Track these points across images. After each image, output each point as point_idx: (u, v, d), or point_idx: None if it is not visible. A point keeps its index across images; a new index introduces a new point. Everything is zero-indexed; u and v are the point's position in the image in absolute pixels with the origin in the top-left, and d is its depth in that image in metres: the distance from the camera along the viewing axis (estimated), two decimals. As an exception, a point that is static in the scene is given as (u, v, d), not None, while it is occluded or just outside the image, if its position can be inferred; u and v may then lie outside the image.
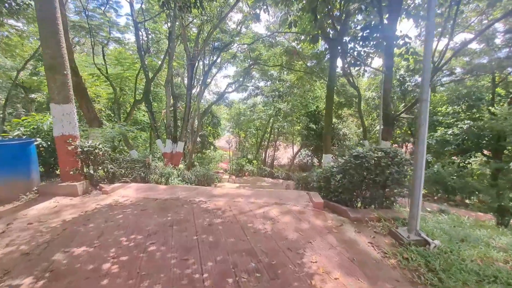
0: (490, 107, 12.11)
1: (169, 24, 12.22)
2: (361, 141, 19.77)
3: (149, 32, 15.49)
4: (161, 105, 20.34)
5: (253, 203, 4.14)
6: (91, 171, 4.60)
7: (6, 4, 8.47)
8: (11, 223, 3.14)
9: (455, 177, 13.24)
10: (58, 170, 5.06)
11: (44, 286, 1.99)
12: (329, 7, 9.51)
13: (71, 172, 4.36)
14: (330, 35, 12.10)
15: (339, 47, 12.20)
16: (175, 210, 3.72)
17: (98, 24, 11.59)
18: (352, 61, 13.33)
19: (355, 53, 13.16)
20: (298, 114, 23.34)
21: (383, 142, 8.04)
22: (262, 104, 26.73)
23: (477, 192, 12.38)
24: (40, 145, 5.01)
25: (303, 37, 13.70)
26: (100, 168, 4.99)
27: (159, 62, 13.07)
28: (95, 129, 8.02)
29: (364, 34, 11.71)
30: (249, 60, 20.29)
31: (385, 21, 7.66)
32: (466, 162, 15.20)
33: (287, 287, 2.05)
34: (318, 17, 11.26)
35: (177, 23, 10.95)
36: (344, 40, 11.83)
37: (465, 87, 13.26)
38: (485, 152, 14.49)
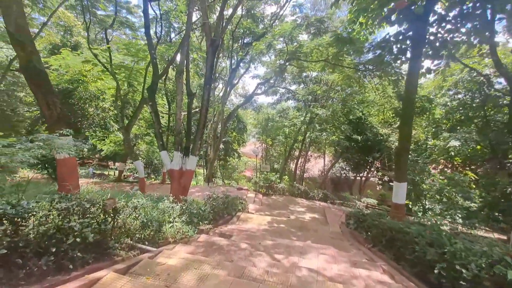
0: None
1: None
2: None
3: (167, 15, 12.81)
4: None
5: None
6: None
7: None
8: None
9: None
10: None
11: None
12: None
13: None
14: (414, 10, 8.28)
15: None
16: None
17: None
18: (430, 52, 9.65)
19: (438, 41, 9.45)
20: (336, 122, 19.53)
21: None
22: (295, 110, 23.20)
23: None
24: None
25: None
26: None
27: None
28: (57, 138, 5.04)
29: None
30: (281, 60, 16.88)
31: None
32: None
33: None
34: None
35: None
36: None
37: None
38: None
